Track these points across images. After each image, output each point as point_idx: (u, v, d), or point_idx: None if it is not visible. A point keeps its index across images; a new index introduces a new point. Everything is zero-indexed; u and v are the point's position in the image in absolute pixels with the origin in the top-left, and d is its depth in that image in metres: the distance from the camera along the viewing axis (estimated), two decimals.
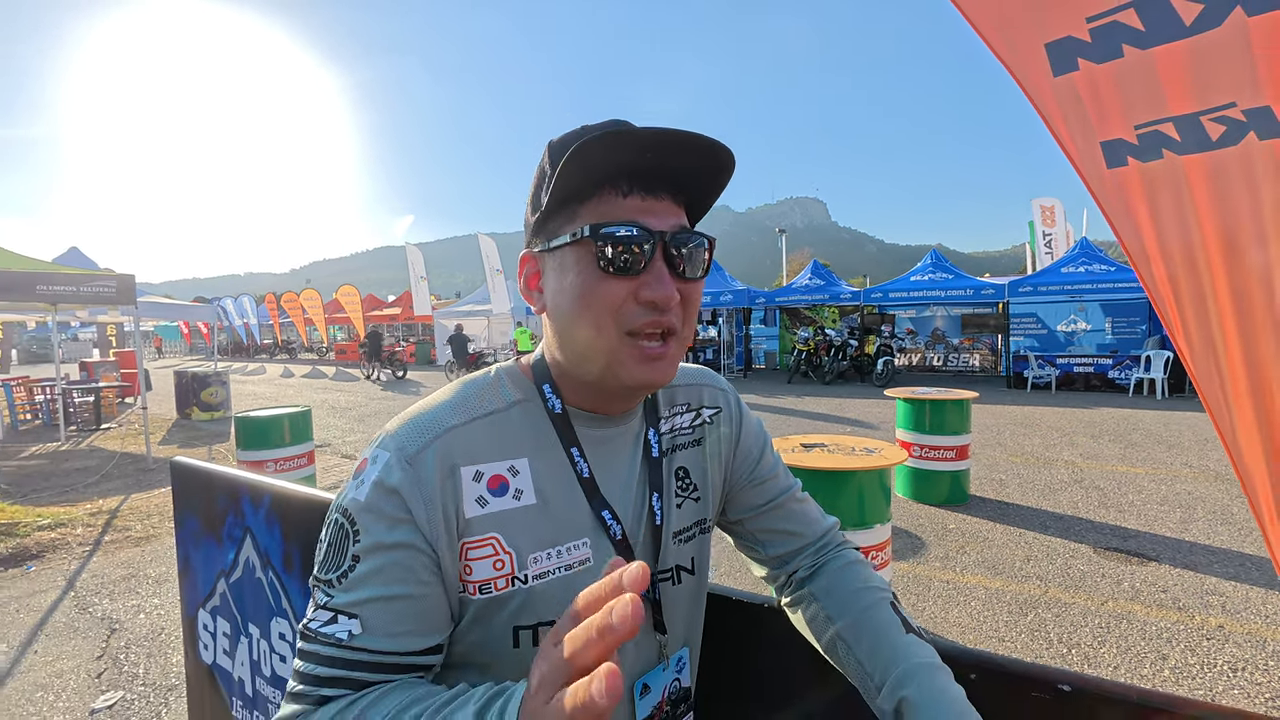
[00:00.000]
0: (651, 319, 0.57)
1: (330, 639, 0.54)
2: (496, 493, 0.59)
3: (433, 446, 0.58)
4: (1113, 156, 1.47)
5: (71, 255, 10.19)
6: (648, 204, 0.57)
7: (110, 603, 3.39)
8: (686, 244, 0.58)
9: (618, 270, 0.56)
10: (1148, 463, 6.06)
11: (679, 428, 0.75)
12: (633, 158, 0.55)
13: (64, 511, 4.95)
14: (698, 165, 0.58)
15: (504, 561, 0.58)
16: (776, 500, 0.78)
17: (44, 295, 6.24)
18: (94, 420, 9.37)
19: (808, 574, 0.77)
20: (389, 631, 0.54)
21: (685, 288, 0.59)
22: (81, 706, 2.48)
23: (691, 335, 0.63)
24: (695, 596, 0.74)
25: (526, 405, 0.65)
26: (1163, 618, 3.04)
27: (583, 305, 0.58)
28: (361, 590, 0.54)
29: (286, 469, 4.85)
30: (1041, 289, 11.69)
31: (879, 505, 2.91)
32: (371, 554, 0.55)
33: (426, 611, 0.56)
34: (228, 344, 33.63)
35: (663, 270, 0.57)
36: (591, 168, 0.56)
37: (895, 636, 0.65)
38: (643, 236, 0.56)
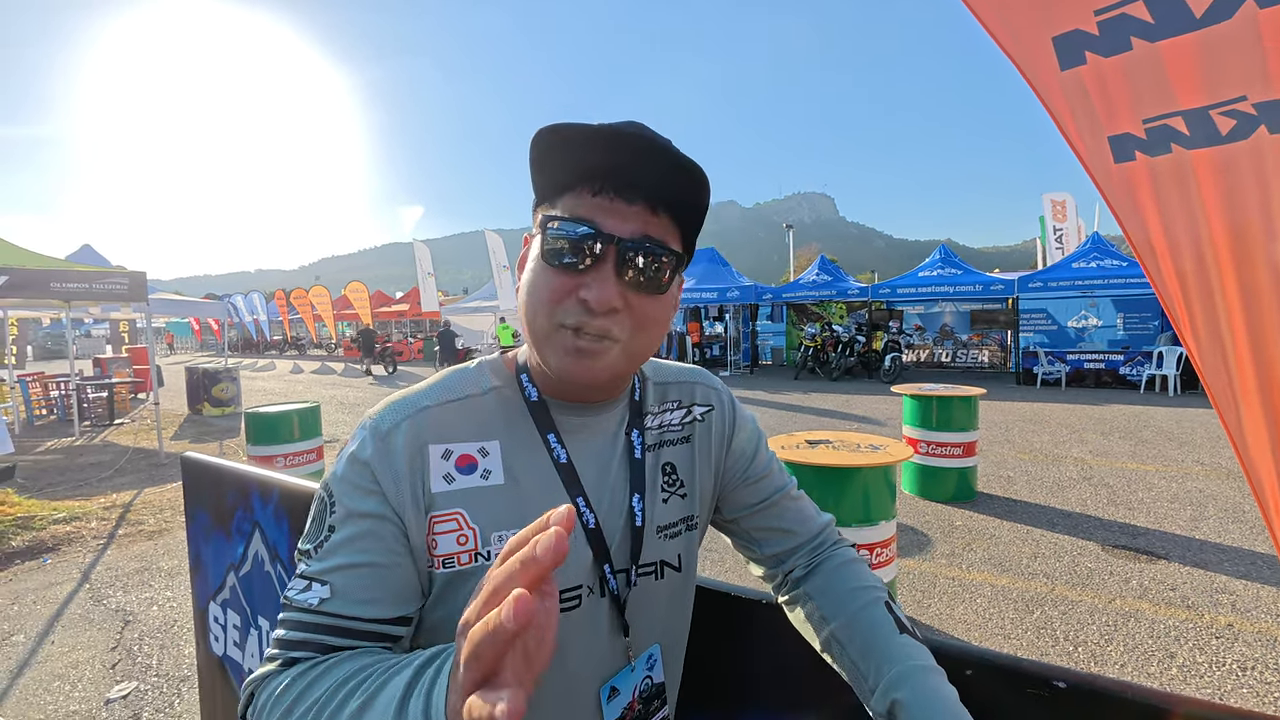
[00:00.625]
0: (582, 319, 0.56)
1: (302, 605, 0.56)
2: (464, 470, 0.61)
3: (403, 425, 0.61)
4: (1120, 151, 1.46)
5: (84, 253, 10.32)
6: (615, 206, 0.57)
7: (124, 595, 3.45)
8: (642, 253, 0.57)
9: (561, 265, 0.57)
10: (1158, 460, 6.00)
11: (668, 424, 0.74)
12: (598, 155, 0.55)
13: (79, 505, 5.04)
14: (671, 177, 0.57)
15: (467, 537, 0.59)
16: (771, 499, 0.78)
17: (57, 292, 6.32)
18: (107, 415, 9.51)
19: (803, 573, 0.77)
20: (357, 598, 0.56)
21: (635, 299, 0.58)
22: (97, 696, 2.53)
23: (644, 350, 0.62)
24: (679, 594, 0.74)
25: (503, 392, 0.66)
26: (1171, 616, 3.01)
27: (527, 293, 0.59)
28: (333, 558, 0.57)
29: (296, 464, 4.91)
30: (1052, 284, 11.57)
31: (884, 502, 2.90)
32: (344, 523, 0.57)
33: (394, 581, 0.57)
34: (238, 340, 33.97)
35: (608, 274, 0.56)
36: (562, 159, 0.57)
37: (889, 637, 0.65)
38: (592, 236, 0.56)
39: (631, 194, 0.57)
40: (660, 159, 0.56)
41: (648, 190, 0.57)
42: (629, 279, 0.57)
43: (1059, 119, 1.55)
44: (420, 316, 24.30)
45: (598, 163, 0.56)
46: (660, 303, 0.60)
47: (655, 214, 0.58)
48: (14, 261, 6.30)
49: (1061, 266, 11.86)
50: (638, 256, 0.57)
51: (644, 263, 0.57)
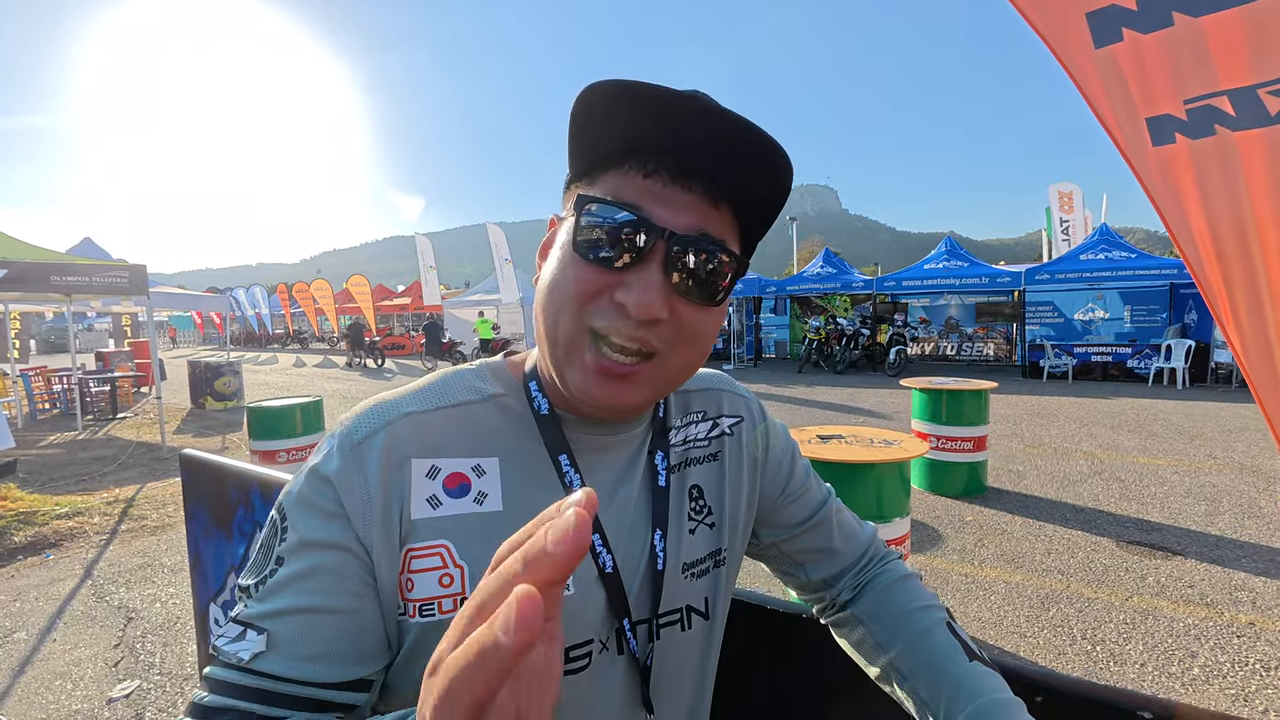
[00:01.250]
0: (615, 325, 0.46)
1: (231, 658, 0.44)
2: (454, 493, 0.50)
3: (381, 433, 0.50)
4: (1159, 133, 1.38)
5: (85, 246, 10.26)
6: (670, 192, 0.46)
7: (127, 591, 3.41)
8: (698, 254, 0.46)
9: (595, 258, 0.46)
10: (1169, 454, 5.93)
11: (693, 439, 0.63)
12: (653, 126, 0.45)
13: (81, 500, 5.01)
14: (744, 163, 0.46)
15: (452, 577, 0.48)
16: (815, 516, 0.69)
17: (58, 286, 6.27)
18: (110, 409, 9.49)
19: (851, 594, 0.69)
20: (299, 653, 0.44)
21: (682, 307, 0.47)
22: (99, 695, 2.50)
23: (684, 371, 0.51)
24: (707, 649, 0.61)
25: (505, 401, 0.55)
26: (1190, 614, 2.96)
27: (550, 287, 0.48)
28: (277, 599, 0.45)
29: (299, 459, 4.87)
30: (1059, 276, 11.46)
31: (898, 498, 2.84)
32: (295, 555, 0.46)
33: (351, 632, 0.45)
34: (240, 334, 33.97)
35: (654, 275, 0.46)
36: (608, 127, 0.46)
37: (957, 666, 0.57)
38: (637, 225, 0.45)
39: (690, 179, 0.46)
40: (733, 139, 0.45)
41: (711, 177, 0.47)
42: (677, 283, 0.47)
43: (1092, 100, 1.47)
44: (422, 310, 24.22)
45: (652, 135, 0.46)
46: (711, 316, 0.49)
47: (716, 206, 0.48)
48: (13, 255, 6.24)
49: (1069, 258, 11.74)
50: (691, 256, 0.46)
51: (697, 265, 0.47)
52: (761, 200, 0.49)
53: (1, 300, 8.35)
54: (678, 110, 0.45)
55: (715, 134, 0.45)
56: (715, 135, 0.45)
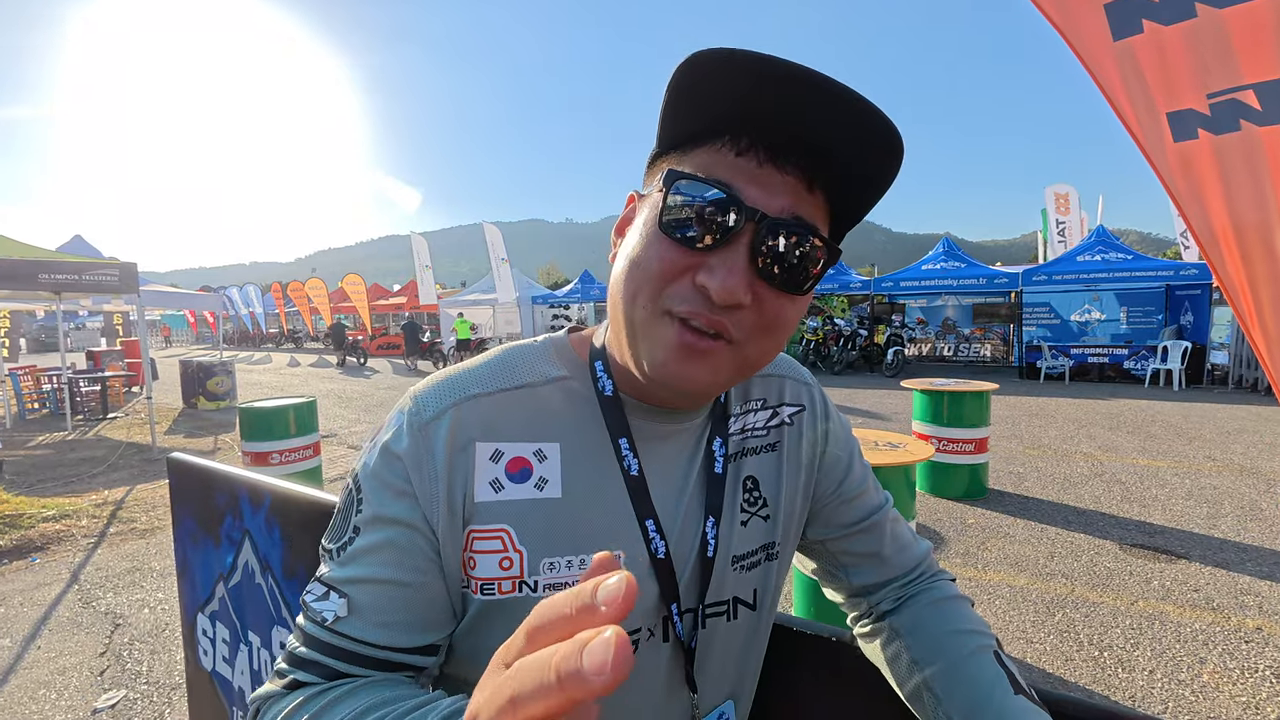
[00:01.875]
0: (700, 309, 0.44)
1: (316, 616, 0.48)
2: (515, 478, 0.51)
3: (449, 414, 0.51)
4: (1181, 129, 1.33)
5: (75, 243, 10.14)
6: (764, 172, 0.43)
7: (114, 597, 3.33)
8: (789, 238, 0.43)
9: (681, 237, 0.44)
10: (1169, 456, 5.91)
11: (751, 428, 0.61)
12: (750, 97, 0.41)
13: (69, 502, 4.91)
14: (850, 144, 0.43)
15: (511, 560, 0.50)
16: (869, 520, 0.65)
17: (46, 284, 6.17)
18: (101, 409, 9.36)
19: (892, 606, 0.65)
20: (375, 620, 0.48)
21: (768, 295, 0.45)
22: (84, 705, 2.42)
23: (761, 359, 0.49)
24: (753, 637, 0.61)
25: (569, 384, 0.55)
26: (1197, 619, 2.92)
27: (630, 265, 0.47)
28: (354, 567, 0.49)
29: (292, 460, 4.79)
30: (1056, 278, 11.48)
31: (905, 502, 2.80)
32: (370, 527, 0.49)
33: (420, 603, 0.49)
34: (234, 333, 33.72)
35: (739, 258, 0.43)
36: (702, 98, 0.43)
37: (1002, 699, 0.53)
38: (726, 204, 0.43)
39: (787, 160, 0.43)
40: (838, 115, 0.41)
41: (810, 159, 0.43)
42: (763, 268, 0.44)
43: (1110, 94, 1.42)
44: (418, 309, 24.10)
45: (750, 111, 0.42)
46: (795, 304, 0.47)
47: (811, 190, 0.45)
48: (2, 252, 6.14)
49: (1066, 260, 11.76)
50: (781, 241, 0.43)
51: (787, 250, 0.44)
52: (865, 183, 0.46)
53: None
54: (778, 83, 0.41)
55: (818, 111, 0.41)
56: (818, 112, 0.41)
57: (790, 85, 0.41)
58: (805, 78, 0.40)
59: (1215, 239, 1.38)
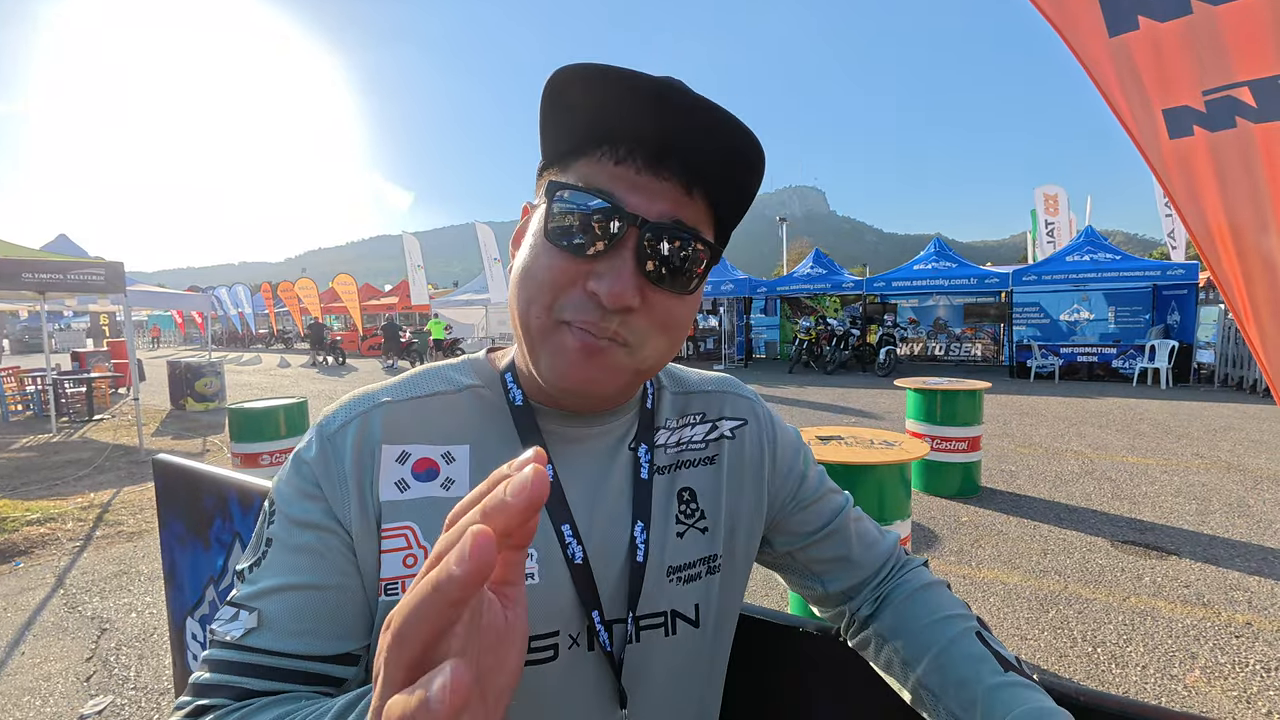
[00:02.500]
0: (587, 317, 0.46)
1: (223, 638, 0.46)
2: (421, 477, 0.51)
3: (355, 422, 0.51)
4: (1176, 125, 1.34)
5: (60, 243, 9.98)
6: (643, 180, 0.46)
7: (101, 601, 3.27)
8: (671, 242, 0.46)
9: (568, 245, 0.46)
10: (1157, 453, 5.98)
11: (688, 441, 0.61)
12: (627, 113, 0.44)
13: (54, 505, 4.83)
14: (717, 153, 0.46)
15: (416, 558, 0.49)
16: (832, 524, 0.65)
17: (30, 283, 6.07)
18: (86, 411, 9.22)
19: (872, 609, 0.64)
20: (288, 628, 0.46)
21: (656, 296, 0.47)
22: (70, 712, 2.37)
23: (658, 359, 0.50)
24: (698, 655, 0.58)
25: (481, 392, 0.56)
26: (1188, 614, 2.95)
27: (522, 274, 0.48)
28: (266, 578, 0.47)
29: (282, 462, 4.73)
30: (1046, 278, 11.59)
31: (900, 501, 2.81)
32: (281, 535, 0.48)
33: (337, 608, 0.47)
34: (222, 334, 33.37)
35: (625, 263, 0.45)
36: (580, 113, 0.45)
37: (990, 677, 0.52)
38: (609, 212, 0.45)
39: (663, 167, 0.46)
40: (707, 127, 0.45)
41: (685, 165, 0.46)
42: (650, 271, 0.46)
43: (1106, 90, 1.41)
44: (410, 310, 23.96)
45: (625, 123, 0.45)
46: (685, 304, 0.49)
47: (690, 195, 0.47)
48: None
49: (1055, 260, 11.87)
50: (665, 245, 0.46)
51: (671, 253, 0.46)
52: (736, 188, 0.49)
53: None
54: (651, 96, 0.43)
55: (689, 121, 0.44)
56: (689, 123, 0.44)
57: (657, 100, 0.43)
58: (670, 93, 0.43)
59: (1211, 236, 1.38)
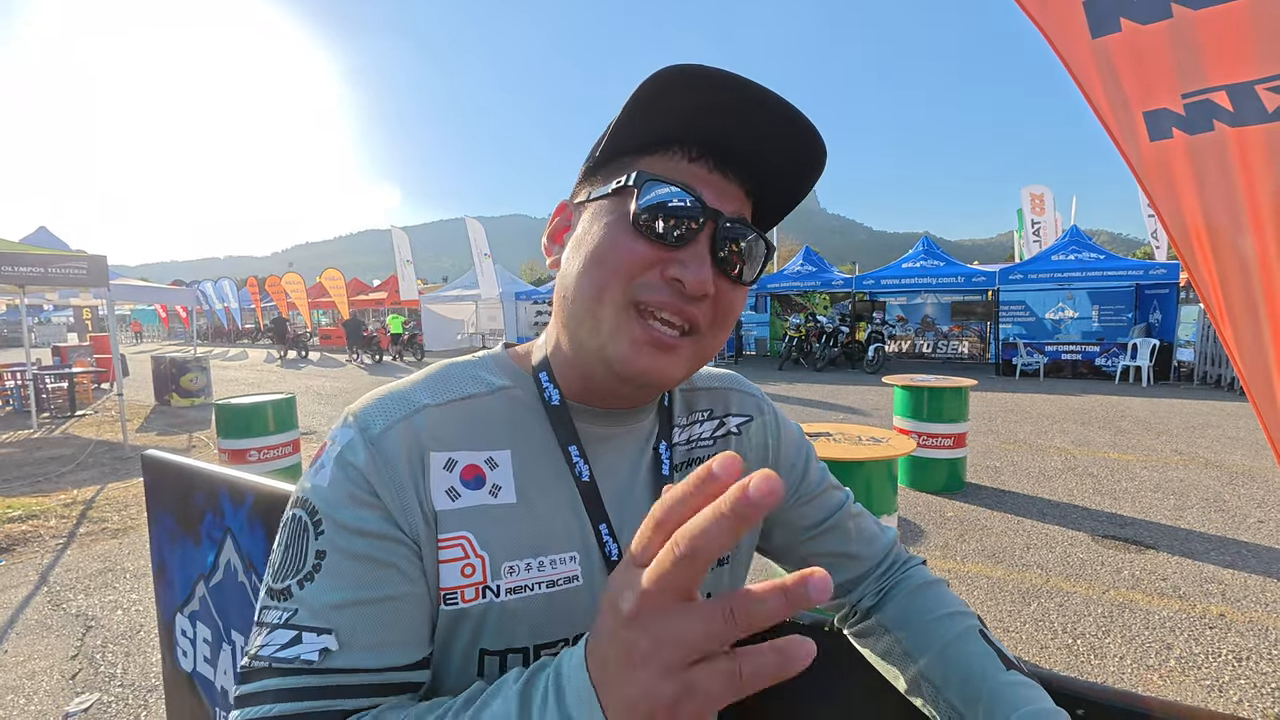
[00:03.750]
0: (670, 300, 0.48)
1: (294, 665, 0.42)
2: (470, 485, 0.50)
3: (399, 426, 0.50)
4: (1156, 128, 1.36)
5: (40, 235, 9.77)
6: (714, 179, 0.49)
7: (86, 599, 3.24)
8: (744, 238, 0.50)
9: (653, 234, 0.47)
10: (1138, 450, 6.10)
11: (698, 438, 0.63)
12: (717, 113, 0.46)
13: (36, 502, 4.76)
14: (789, 164, 0.50)
15: (474, 567, 0.49)
16: (830, 519, 0.67)
17: (9, 276, 5.96)
18: (68, 407, 9.07)
19: (874, 601, 0.66)
20: (368, 644, 0.44)
21: (726, 288, 0.50)
22: (55, 710, 2.35)
23: (715, 348, 0.53)
24: None
25: (513, 393, 0.56)
26: (1164, 606, 3.03)
27: (595, 260, 0.49)
28: (329, 594, 0.44)
29: (270, 458, 4.70)
30: (1032, 276, 11.75)
31: (887, 496, 2.85)
32: (339, 548, 0.45)
33: (412, 615, 0.46)
34: (208, 329, 32.89)
35: (704, 253, 0.48)
36: (663, 110, 0.47)
37: (994, 675, 0.55)
38: (696, 208, 0.47)
39: (732, 169, 0.50)
40: (786, 137, 0.48)
41: (751, 172, 0.50)
42: (722, 261, 0.49)
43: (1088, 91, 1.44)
44: (399, 305, 23.77)
45: (703, 120, 0.47)
46: (742, 295, 0.53)
47: (748, 196, 0.52)
48: None
49: (1041, 259, 12.03)
50: (737, 240, 0.50)
51: (744, 248, 0.50)
52: (786, 197, 0.53)
53: None
54: (728, 97, 0.46)
55: (762, 128, 0.47)
56: (762, 129, 0.47)
57: (733, 103, 0.46)
58: (748, 97, 0.45)
59: (1188, 237, 1.41)
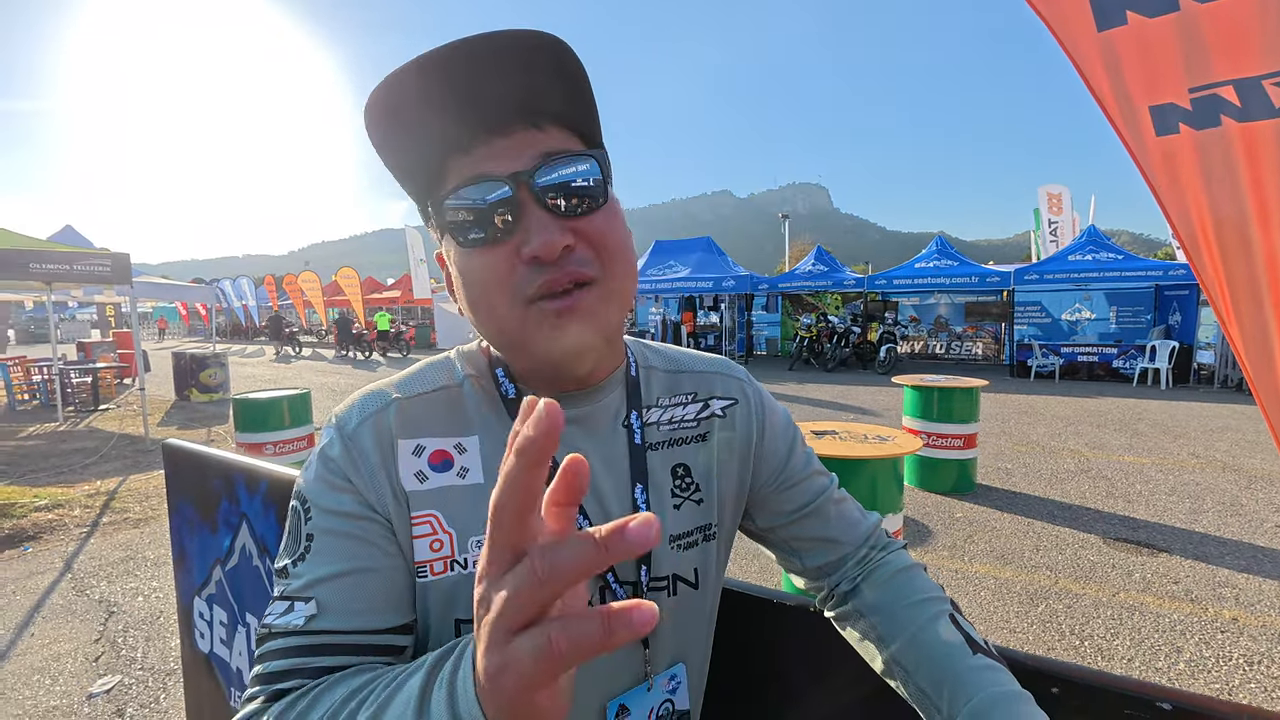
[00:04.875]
0: (547, 277, 0.48)
1: (285, 628, 0.49)
2: (438, 468, 0.54)
3: (370, 420, 0.54)
4: (1162, 123, 1.35)
5: (66, 234, 10.04)
6: (493, 146, 0.48)
7: (108, 585, 3.34)
8: (558, 172, 0.48)
9: (484, 240, 0.48)
10: (1154, 452, 6.01)
11: (681, 419, 0.65)
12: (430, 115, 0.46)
13: (61, 492, 4.90)
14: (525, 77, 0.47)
15: (442, 542, 0.53)
16: (812, 504, 0.69)
17: (37, 274, 6.13)
18: (92, 401, 9.31)
19: (851, 585, 0.68)
20: (350, 609, 0.49)
21: (581, 225, 0.49)
22: (79, 690, 2.44)
23: (626, 282, 0.53)
24: (697, 612, 0.64)
25: (480, 381, 0.59)
26: (1176, 610, 2.99)
27: (471, 294, 0.51)
28: (316, 569, 0.50)
29: (286, 452, 4.80)
30: (1048, 277, 11.58)
31: (892, 494, 2.85)
32: (323, 529, 0.51)
33: (387, 585, 0.51)
34: (226, 326, 33.48)
35: (538, 215, 0.47)
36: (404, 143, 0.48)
37: (960, 659, 0.56)
38: (494, 188, 0.47)
39: (501, 124, 0.48)
40: (498, 62, 0.46)
41: (512, 109, 0.48)
42: (560, 208, 0.48)
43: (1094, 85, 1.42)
44: (412, 303, 24.02)
45: (438, 119, 0.47)
46: (608, 215, 0.51)
47: (539, 128, 0.49)
48: None
49: (1058, 259, 11.86)
50: (554, 178, 0.48)
51: (564, 182, 0.48)
52: (565, 93, 0.49)
53: None
54: (439, 82, 0.45)
55: (484, 72, 0.46)
56: (484, 73, 0.46)
57: (447, 81, 0.45)
58: (452, 63, 0.45)
59: (1195, 235, 1.40)
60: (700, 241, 15.68)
